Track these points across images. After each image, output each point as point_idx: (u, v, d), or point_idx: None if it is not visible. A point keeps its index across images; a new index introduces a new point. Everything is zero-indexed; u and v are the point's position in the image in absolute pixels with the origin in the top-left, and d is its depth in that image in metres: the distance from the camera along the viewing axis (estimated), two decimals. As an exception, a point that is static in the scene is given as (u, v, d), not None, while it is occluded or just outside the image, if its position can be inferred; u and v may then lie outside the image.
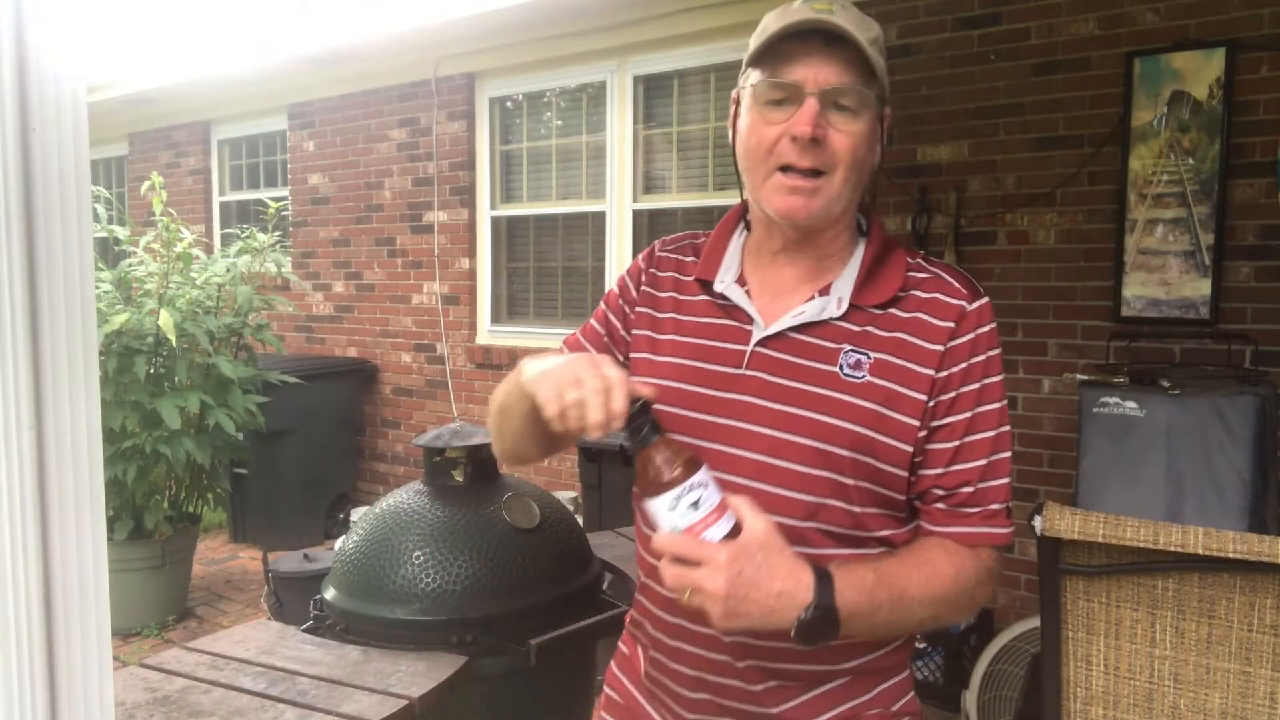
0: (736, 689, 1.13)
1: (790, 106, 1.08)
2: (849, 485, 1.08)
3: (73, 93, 0.71)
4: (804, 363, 1.11)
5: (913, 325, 1.11)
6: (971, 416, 1.10)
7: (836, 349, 1.10)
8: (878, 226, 1.20)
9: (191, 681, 1.75)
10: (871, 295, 1.13)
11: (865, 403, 1.08)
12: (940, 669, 3.36)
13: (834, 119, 1.08)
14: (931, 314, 1.11)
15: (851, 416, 1.08)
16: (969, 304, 1.12)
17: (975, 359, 1.11)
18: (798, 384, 1.10)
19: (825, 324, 1.12)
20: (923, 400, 1.09)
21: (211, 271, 4.49)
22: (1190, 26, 3.21)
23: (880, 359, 1.09)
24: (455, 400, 5.46)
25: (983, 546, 1.10)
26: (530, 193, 5.26)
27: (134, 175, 7.26)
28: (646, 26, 4.53)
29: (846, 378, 1.09)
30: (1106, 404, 2.73)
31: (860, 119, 1.09)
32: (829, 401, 1.08)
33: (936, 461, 1.10)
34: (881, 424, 1.08)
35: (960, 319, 1.11)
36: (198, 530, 4.61)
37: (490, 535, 2.01)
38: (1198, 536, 1.45)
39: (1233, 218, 3.18)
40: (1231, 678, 1.49)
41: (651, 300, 1.24)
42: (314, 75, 5.79)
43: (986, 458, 1.10)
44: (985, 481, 1.10)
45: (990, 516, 1.10)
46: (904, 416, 1.08)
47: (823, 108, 1.07)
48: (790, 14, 1.08)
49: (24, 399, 0.69)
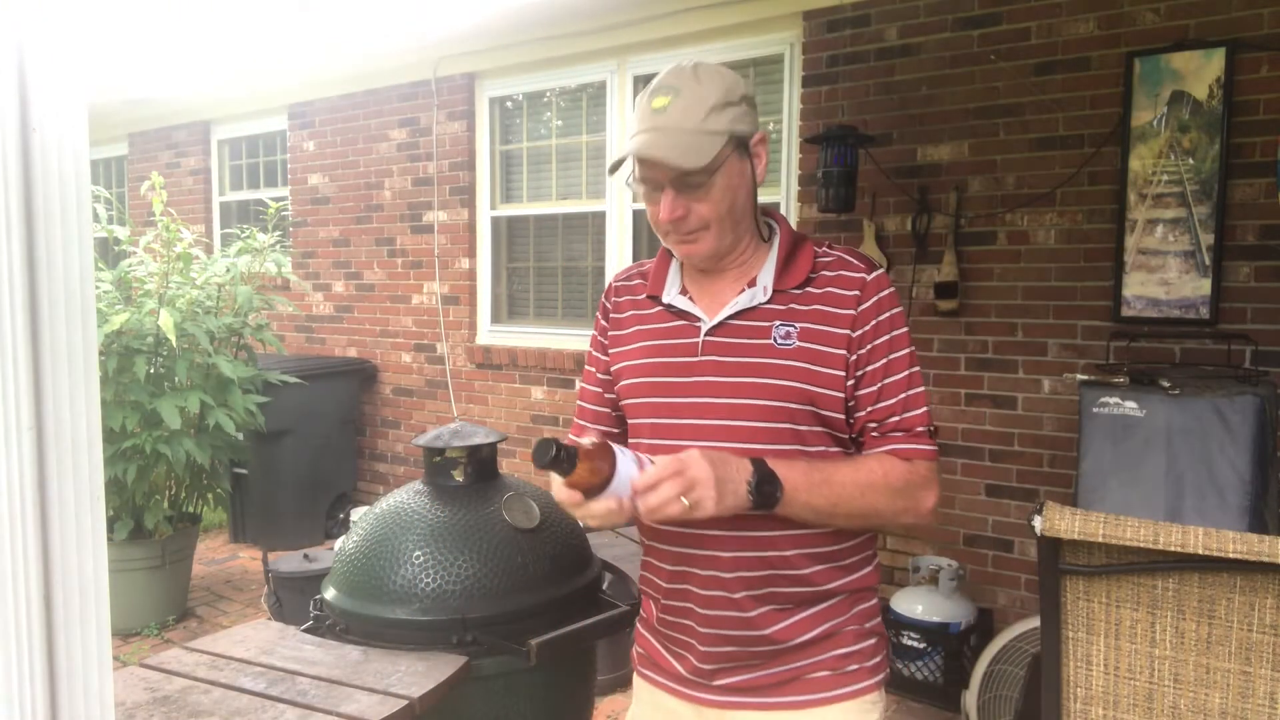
0: (736, 619, 1.39)
1: (657, 192, 1.37)
2: (804, 432, 1.37)
3: (73, 93, 0.71)
4: (745, 341, 1.39)
5: (826, 298, 1.39)
6: (886, 363, 1.38)
7: (768, 326, 1.39)
8: (784, 225, 1.48)
9: (191, 681, 1.75)
10: (789, 280, 1.41)
11: (799, 363, 1.36)
12: (940, 669, 3.36)
13: (689, 197, 1.36)
14: (839, 287, 1.39)
15: (791, 375, 1.36)
16: (868, 275, 1.40)
17: (881, 317, 1.38)
18: (742, 359, 1.38)
19: (756, 309, 1.40)
20: (843, 354, 1.37)
21: (211, 271, 4.49)
22: (1190, 26, 3.21)
23: (805, 327, 1.38)
24: (455, 400, 5.46)
25: (915, 459, 1.38)
26: (530, 193, 5.26)
27: (134, 175, 7.26)
28: (646, 26, 4.53)
29: (781, 346, 1.37)
30: (1106, 404, 2.73)
31: (711, 187, 1.35)
32: (770, 368, 1.37)
33: (865, 402, 1.38)
34: (814, 378, 1.36)
35: (863, 288, 1.39)
36: (198, 530, 4.61)
37: (490, 535, 2.00)
38: (1198, 536, 1.45)
39: (1233, 218, 3.18)
40: (1231, 678, 1.49)
41: (617, 323, 1.55)
42: (314, 75, 5.79)
43: (904, 393, 1.39)
44: (907, 411, 1.39)
45: (915, 436, 1.39)
46: (831, 369, 1.36)
47: (677, 192, 1.35)
48: (632, 125, 1.38)
49: (24, 399, 0.69)
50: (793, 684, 1.41)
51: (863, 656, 1.44)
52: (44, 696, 0.71)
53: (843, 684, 1.41)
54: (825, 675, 1.41)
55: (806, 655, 1.41)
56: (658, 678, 1.53)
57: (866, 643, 1.45)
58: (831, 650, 1.41)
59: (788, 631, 1.39)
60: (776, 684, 1.41)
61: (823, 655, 1.41)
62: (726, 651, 1.41)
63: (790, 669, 1.41)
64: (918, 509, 1.38)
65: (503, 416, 5.24)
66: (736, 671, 1.42)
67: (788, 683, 1.41)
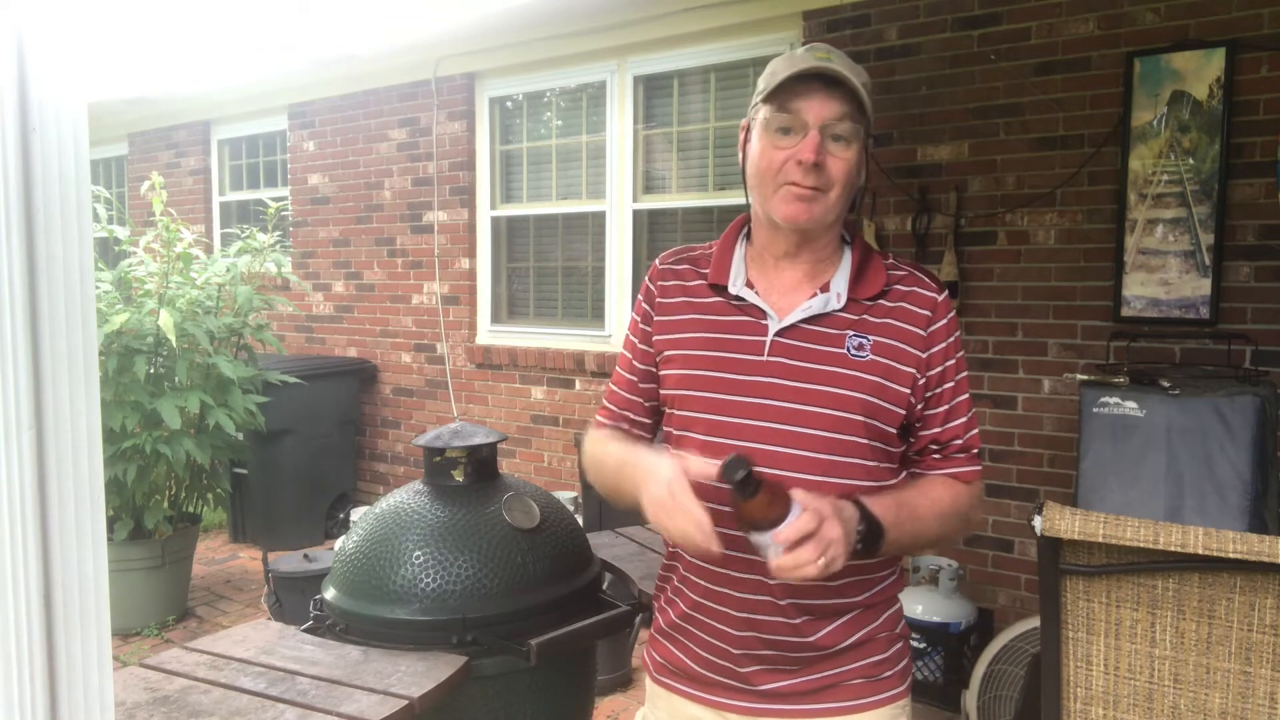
0: (779, 624, 1.37)
1: (796, 136, 1.33)
2: (862, 444, 1.35)
3: (73, 93, 0.71)
4: (816, 347, 1.36)
5: (899, 313, 1.38)
6: (955, 384, 1.40)
7: (841, 335, 1.37)
8: (858, 236, 1.47)
9: (191, 681, 1.75)
10: (863, 290, 1.39)
11: (870, 376, 1.35)
12: (940, 669, 3.36)
13: (831, 147, 1.33)
14: (913, 304, 1.39)
15: (860, 388, 1.34)
16: (939, 295, 1.41)
17: (950, 339, 1.40)
18: (813, 365, 1.35)
19: (829, 315, 1.38)
20: (912, 373, 1.36)
21: (211, 271, 4.49)
22: (1190, 26, 3.21)
23: (878, 341, 1.36)
24: (455, 400, 5.46)
25: (973, 481, 1.42)
26: (530, 193, 5.26)
27: (134, 175, 7.26)
28: (646, 26, 4.53)
29: (854, 357, 1.35)
30: (1106, 404, 2.73)
31: (852, 147, 1.34)
32: (841, 377, 1.34)
33: (933, 422, 1.40)
34: (883, 393, 1.35)
35: (935, 308, 1.39)
36: (198, 530, 4.61)
37: (490, 535, 2.00)
38: (1198, 536, 1.45)
39: (1233, 218, 3.18)
40: (1231, 678, 1.49)
41: (665, 308, 1.48)
42: (314, 75, 5.79)
43: (967, 415, 1.42)
44: (969, 432, 1.42)
45: (973, 458, 1.43)
46: (899, 386, 1.36)
47: (823, 138, 1.32)
48: (797, 61, 1.33)
49: (24, 399, 0.69)
50: (829, 691, 1.40)
51: (893, 662, 1.44)
52: (44, 696, 0.71)
53: (877, 690, 1.42)
54: (860, 683, 1.41)
55: (844, 662, 1.40)
56: (675, 682, 1.50)
57: (896, 647, 1.45)
58: (866, 657, 1.41)
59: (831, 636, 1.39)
60: (812, 691, 1.40)
61: (859, 662, 1.41)
62: (763, 655, 1.39)
63: (827, 675, 1.40)
64: (967, 529, 1.42)
65: (503, 416, 5.24)
66: (776, 677, 1.40)
67: (824, 689, 1.40)
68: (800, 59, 1.32)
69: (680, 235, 4.67)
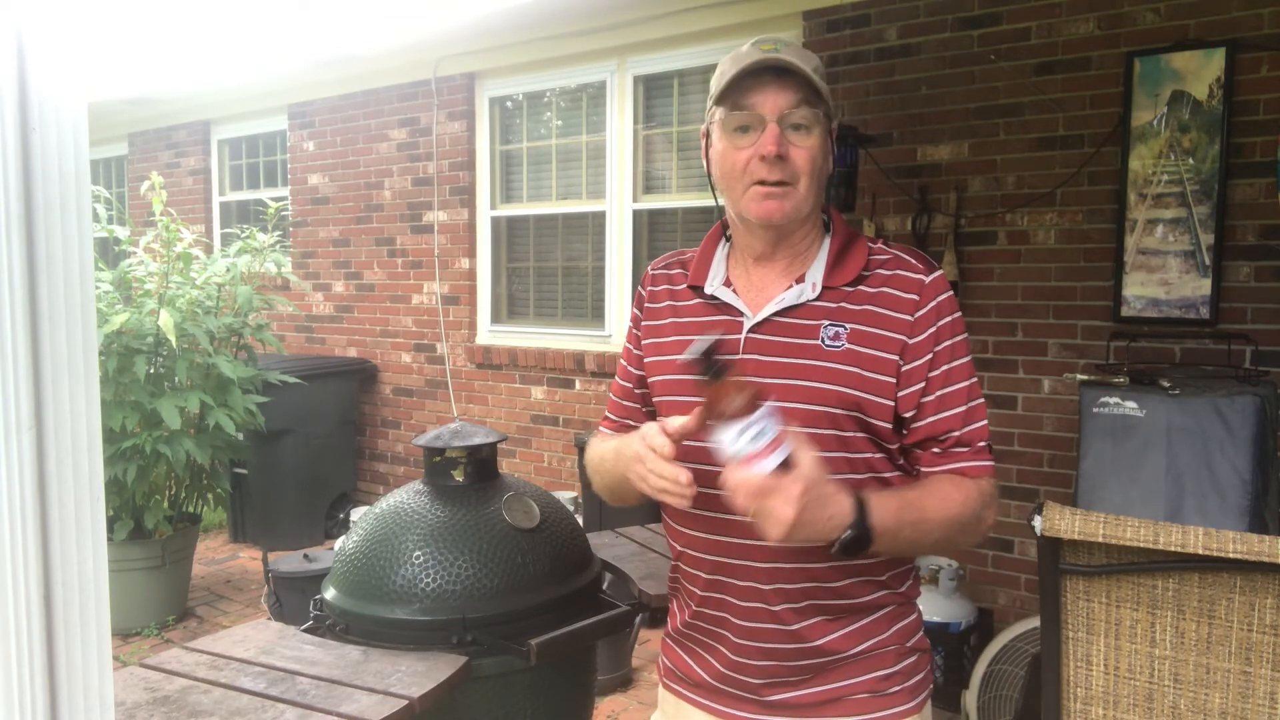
0: (775, 631, 1.33)
1: (755, 132, 1.30)
2: (849, 438, 1.29)
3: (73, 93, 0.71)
4: (790, 340, 1.32)
5: (880, 299, 1.31)
6: (946, 371, 1.31)
7: (816, 325, 1.31)
8: (839, 221, 1.41)
9: (191, 681, 1.75)
10: (840, 276, 1.33)
11: (847, 367, 1.29)
12: (940, 669, 3.36)
13: (792, 137, 1.29)
14: (896, 288, 1.32)
15: (837, 380, 1.28)
16: (926, 276, 1.32)
17: (941, 322, 1.31)
18: (788, 359, 1.31)
19: (803, 306, 1.33)
20: (895, 360, 1.29)
21: (211, 271, 4.49)
22: (1190, 26, 3.21)
23: (855, 329, 1.30)
24: (455, 400, 5.46)
25: (980, 477, 1.32)
26: (530, 193, 5.25)
27: (134, 175, 7.26)
28: (646, 26, 4.53)
29: (829, 347, 1.30)
30: (1106, 404, 2.73)
31: (814, 134, 1.30)
32: (816, 370, 1.29)
33: (924, 413, 1.31)
34: (864, 384, 1.28)
35: (921, 291, 1.31)
36: (198, 530, 4.61)
37: (490, 535, 2.00)
38: (1198, 536, 1.45)
39: (1233, 218, 3.18)
40: (1231, 678, 1.49)
41: (652, 313, 1.48)
42: (314, 75, 5.79)
43: (965, 405, 1.31)
44: (968, 425, 1.32)
45: (978, 452, 1.33)
46: (882, 375, 1.29)
47: (782, 130, 1.28)
48: (744, 57, 1.30)
49: (24, 399, 0.69)
50: (834, 705, 1.36)
51: (903, 676, 1.38)
52: (44, 696, 0.71)
53: (881, 706, 1.36)
54: (865, 697, 1.36)
55: (850, 674, 1.35)
56: (684, 690, 1.47)
57: (907, 661, 1.39)
58: (872, 670, 1.36)
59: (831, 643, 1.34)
60: (819, 703, 1.36)
61: (864, 675, 1.36)
62: (764, 665, 1.35)
63: (832, 689, 1.35)
64: (980, 530, 1.33)
65: (503, 416, 5.24)
66: (782, 689, 1.36)
67: (829, 703, 1.36)
68: (746, 54, 1.30)
69: (680, 235, 4.67)
